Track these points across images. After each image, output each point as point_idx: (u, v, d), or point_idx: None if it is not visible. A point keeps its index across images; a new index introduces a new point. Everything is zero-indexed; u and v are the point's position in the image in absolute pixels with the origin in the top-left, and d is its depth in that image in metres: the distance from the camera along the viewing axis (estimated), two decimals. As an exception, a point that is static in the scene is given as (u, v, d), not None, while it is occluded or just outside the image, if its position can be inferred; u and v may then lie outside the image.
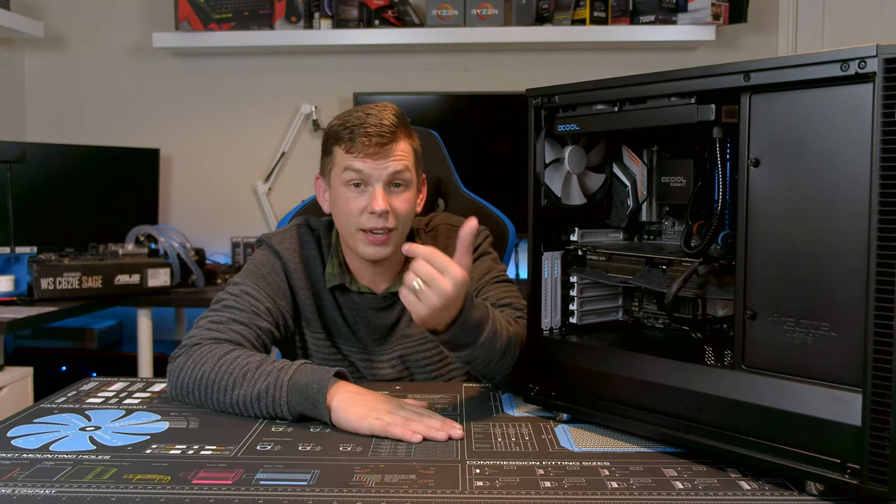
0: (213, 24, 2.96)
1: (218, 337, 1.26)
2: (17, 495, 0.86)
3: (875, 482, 0.80)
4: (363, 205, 1.33)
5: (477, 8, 2.95)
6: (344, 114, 1.37)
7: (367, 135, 1.31)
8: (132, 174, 3.04)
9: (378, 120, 1.32)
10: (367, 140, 1.31)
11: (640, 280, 1.11)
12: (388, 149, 1.32)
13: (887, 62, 0.77)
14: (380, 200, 1.31)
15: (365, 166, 1.32)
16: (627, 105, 1.04)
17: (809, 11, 3.05)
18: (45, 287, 2.34)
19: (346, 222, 1.36)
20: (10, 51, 3.14)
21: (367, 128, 1.31)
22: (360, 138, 1.31)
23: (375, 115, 1.33)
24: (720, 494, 0.87)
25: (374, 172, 1.32)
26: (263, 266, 1.40)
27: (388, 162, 1.32)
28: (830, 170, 0.83)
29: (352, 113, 1.36)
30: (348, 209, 1.34)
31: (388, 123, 1.33)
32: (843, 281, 0.82)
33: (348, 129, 1.33)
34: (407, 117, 1.39)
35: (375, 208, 1.31)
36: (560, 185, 1.17)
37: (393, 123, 1.33)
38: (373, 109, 1.35)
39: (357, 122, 1.33)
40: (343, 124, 1.34)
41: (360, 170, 1.32)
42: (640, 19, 2.93)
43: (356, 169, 1.32)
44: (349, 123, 1.33)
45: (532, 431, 1.10)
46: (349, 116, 1.35)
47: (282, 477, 0.92)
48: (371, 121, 1.32)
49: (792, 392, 0.87)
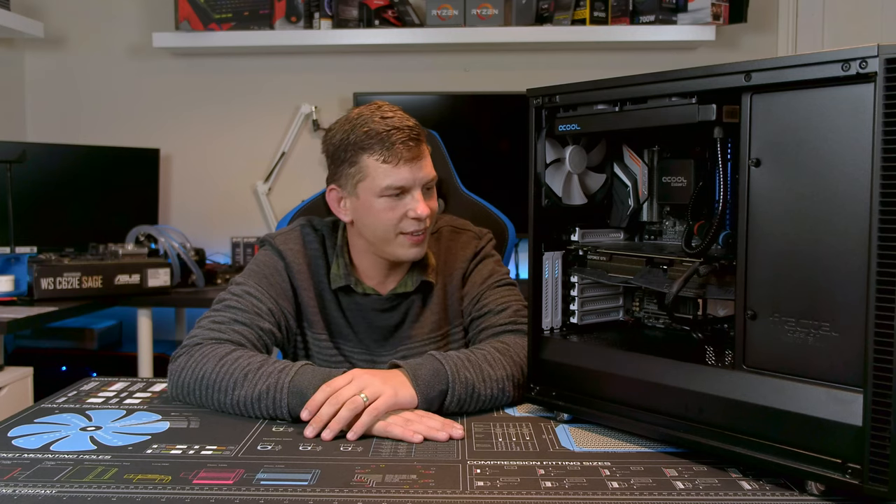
0: (213, 24, 2.96)
1: (219, 337, 1.26)
2: (17, 495, 0.86)
3: (875, 482, 0.80)
4: (402, 211, 1.31)
5: (477, 8, 2.95)
6: (357, 122, 1.31)
7: (402, 141, 1.28)
8: (132, 174, 3.04)
9: (404, 123, 1.30)
10: (403, 147, 1.28)
11: (640, 280, 1.11)
12: (421, 151, 1.32)
13: (888, 62, 0.77)
14: (424, 206, 1.31)
15: (405, 176, 1.29)
16: (628, 105, 1.04)
17: (809, 11, 3.05)
18: (45, 287, 2.33)
19: (383, 230, 1.33)
20: (10, 51, 3.14)
21: (398, 134, 1.28)
22: (396, 146, 1.28)
23: (396, 118, 1.30)
24: (721, 494, 0.87)
25: (415, 179, 1.31)
26: (266, 266, 1.40)
27: (422, 164, 1.32)
28: (831, 170, 0.83)
29: (370, 120, 1.30)
30: (387, 217, 1.32)
31: (413, 125, 1.31)
32: (844, 281, 0.82)
33: (378, 136, 1.28)
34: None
35: (421, 214, 1.30)
36: (561, 185, 1.17)
37: (416, 124, 1.33)
38: (387, 114, 1.31)
39: (386, 129, 1.28)
40: (369, 133, 1.29)
41: (404, 182, 1.29)
42: (640, 19, 2.93)
43: (399, 181, 1.29)
44: (376, 131, 1.29)
45: (533, 431, 1.10)
46: (372, 124, 1.29)
47: (282, 477, 0.92)
48: (398, 124, 1.29)
49: (792, 392, 0.87)
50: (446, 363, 1.17)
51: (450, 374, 1.16)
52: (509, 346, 1.26)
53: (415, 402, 1.13)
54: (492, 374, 1.20)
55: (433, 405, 1.15)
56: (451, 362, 1.17)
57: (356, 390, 1.09)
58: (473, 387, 1.17)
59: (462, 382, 1.16)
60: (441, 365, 1.16)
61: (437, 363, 1.17)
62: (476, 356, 1.21)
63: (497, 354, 1.23)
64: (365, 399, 1.08)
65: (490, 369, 1.20)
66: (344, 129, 1.33)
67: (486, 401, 1.19)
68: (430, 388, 1.14)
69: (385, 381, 1.11)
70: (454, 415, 1.16)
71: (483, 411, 1.20)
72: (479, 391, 1.18)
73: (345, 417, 1.07)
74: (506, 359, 1.23)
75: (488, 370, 1.20)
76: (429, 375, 1.15)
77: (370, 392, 1.09)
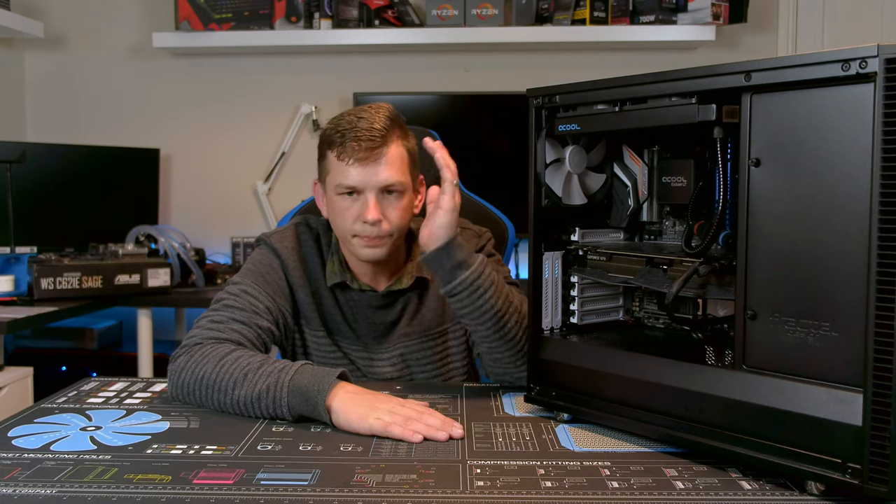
0: (213, 24, 2.96)
1: (219, 336, 1.26)
2: (18, 495, 0.86)
3: (875, 482, 0.80)
4: (356, 213, 1.32)
5: (477, 8, 2.95)
6: (337, 117, 1.35)
7: (356, 139, 1.29)
8: (132, 174, 3.04)
9: (369, 124, 1.30)
10: (357, 145, 1.29)
11: (640, 280, 1.11)
12: (378, 154, 1.30)
13: (888, 62, 0.77)
14: (372, 210, 1.30)
15: (356, 176, 1.30)
16: (628, 105, 1.04)
17: (809, 11, 3.05)
18: (45, 287, 2.33)
19: (342, 228, 1.36)
20: (10, 51, 3.14)
21: (356, 132, 1.29)
22: (350, 143, 1.29)
23: (366, 118, 1.31)
24: (721, 494, 0.87)
25: (366, 181, 1.30)
26: (262, 265, 1.40)
27: (379, 168, 1.30)
28: (831, 170, 0.83)
29: (344, 116, 1.33)
30: (343, 217, 1.34)
31: (379, 127, 1.30)
32: (844, 281, 0.82)
33: (339, 132, 1.31)
34: (402, 118, 1.37)
35: (368, 218, 1.30)
36: (561, 185, 1.17)
37: (384, 126, 1.31)
38: (365, 112, 1.32)
39: (348, 127, 1.30)
40: (335, 128, 1.32)
41: (353, 182, 1.30)
42: (640, 19, 2.93)
43: (348, 180, 1.30)
44: (340, 127, 1.31)
45: (533, 431, 1.10)
46: (341, 120, 1.33)
47: (282, 477, 0.92)
48: (362, 125, 1.30)
49: (792, 392, 0.87)
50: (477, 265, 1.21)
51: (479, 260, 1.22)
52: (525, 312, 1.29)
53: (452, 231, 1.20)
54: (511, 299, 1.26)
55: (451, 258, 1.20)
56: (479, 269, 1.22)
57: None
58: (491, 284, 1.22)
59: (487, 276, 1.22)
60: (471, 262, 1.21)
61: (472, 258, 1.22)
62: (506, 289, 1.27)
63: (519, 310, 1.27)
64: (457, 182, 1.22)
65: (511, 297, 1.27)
66: (327, 124, 1.37)
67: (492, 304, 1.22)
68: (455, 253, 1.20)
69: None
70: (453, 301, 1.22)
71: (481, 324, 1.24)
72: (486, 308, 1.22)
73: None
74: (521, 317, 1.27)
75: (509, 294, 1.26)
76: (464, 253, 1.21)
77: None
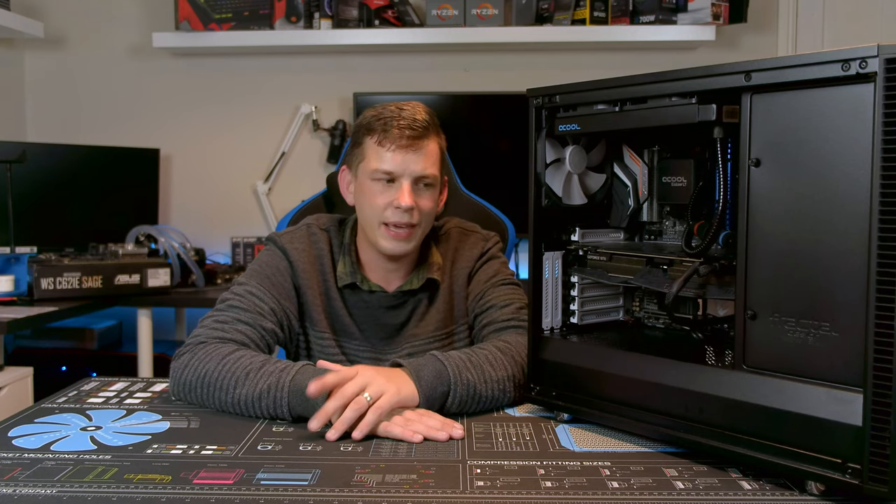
0: (213, 24, 2.96)
1: (223, 336, 1.26)
2: (18, 495, 0.86)
3: (875, 482, 0.80)
4: (389, 199, 1.33)
5: (477, 8, 2.95)
6: (378, 107, 1.38)
7: (400, 127, 1.32)
8: (132, 174, 3.04)
9: (412, 115, 1.34)
10: (399, 132, 1.32)
11: (640, 280, 1.11)
12: (419, 144, 1.33)
13: (888, 62, 0.77)
14: (406, 196, 1.32)
15: (395, 162, 1.32)
16: (628, 105, 1.04)
17: (809, 11, 3.05)
18: (45, 287, 2.33)
19: (370, 215, 1.36)
20: (10, 51, 3.14)
21: (400, 121, 1.33)
22: (393, 129, 1.32)
23: (409, 110, 1.35)
24: (721, 494, 0.87)
25: (404, 168, 1.33)
26: (268, 266, 1.40)
27: (418, 157, 1.33)
28: (831, 170, 0.83)
29: (386, 107, 1.37)
30: (374, 202, 1.34)
31: (421, 119, 1.34)
32: (844, 281, 0.82)
33: (382, 120, 1.34)
34: (437, 118, 1.40)
35: (402, 203, 1.31)
36: (561, 185, 1.17)
37: (425, 120, 1.35)
38: (406, 106, 1.37)
39: (391, 115, 1.34)
40: (377, 116, 1.35)
41: (391, 168, 1.32)
42: (640, 19, 2.93)
43: (386, 165, 1.33)
44: (383, 116, 1.34)
45: (533, 431, 1.10)
46: (383, 110, 1.36)
47: (283, 477, 0.92)
48: (405, 114, 1.34)
49: (792, 392, 0.87)
50: (448, 365, 1.16)
51: (452, 376, 1.15)
52: (511, 345, 1.26)
53: (416, 401, 1.13)
54: (493, 375, 1.19)
55: (434, 405, 1.14)
56: (454, 364, 1.17)
57: (359, 388, 1.08)
58: (475, 388, 1.17)
59: (464, 384, 1.16)
60: (443, 366, 1.16)
61: (440, 364, 1.17)
62: (478, 357, 1.21)
63: (499, 354, 1.23)
64: (368, 398, 1.08)
65: (492, 370, 1.20)
66: (366, 114, 1.39)
67: (487, 401, 1.19)
68: (432, 388, 1.14)
69: (389, 380, 1.11)
70: (454, 415, 1.16)
71: (484, 411, 1.20)
72: (481, 392, 1.18)
73: (349, 418, 1.06)
74: (507, 358, 1.23)
75: (490, 371, 1.20)
76: (431, 376, 1.15)
77: (373, 391, 1.09)
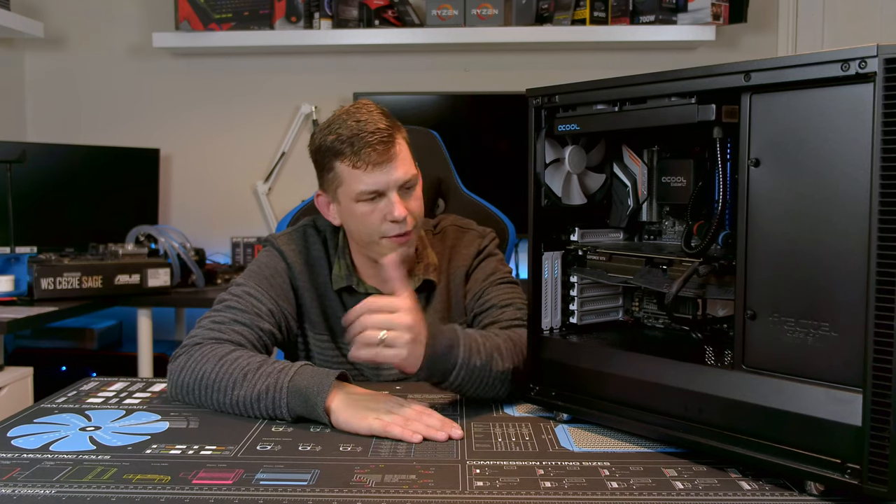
0: (213, 24, 2.96)
1: (220, 337, 1.26)
2: (17, 495, 0.86)
3: (875, 482, 0.80)
4: (382, 214, 1.31)
5: (477, 8, 2.95)
6: (331, 126, 1.32)
7: (369, 144, 1.27)
8: (132, 174, 3.04)
9: (373, 125, 1.29)
10: (370, 150, 1.27)
11: (640, 280, 1.11)
12: (391, 153, 1.29)
13: (888, 62, 0.77)
14: (398, 208, 1.30)
15: (377, 180, 1.29)
16: (628, 105, 1.04)
17: (809, 11, 3.05)
18: (45, 287, 2.33)
19: (367, 233, 1.34)
20: (10, 51, 3.14)
21: (365, 136, 1.28)
22: (364, 150, 1.27)
23: (366, 120, 1.29)
24: (720, 494, 0.87)
25: (387, 182, 1.29)
26: (266, 267, 1.40)
27: (395, 166, 1.30)
28: (831, 170, 0.83)
29: (340, 124, 1.30)
30: (368, 221, 1.32)
31: (384, 125, 1.30)
32: (844, 281, 0.82)
33: (346, 142, 1.28)
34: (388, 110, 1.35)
35: (397, 216, 1.30)
36: (560, 185, 1.17)
37: (387, 125, 1.30)
38: (359, 114, 1.30)
39: (353, 134, 1.28)
40: (338, 138, 1.29)
41: (376, 187, 1.29)
42: (640, 19, 2.93)
43: (370, 186, 1.29)
44: (344, 135, 1.29)
45: (532, 431, 1.10)
46: (341, 128, 1.30)
47: (282, 477, 0.92)
48: (366, 127, 1.28)
49: (792, 392, 0.87)
50: (462, 346, 1.16)
51: (461, 358, 1.15)
52: (519, 341, 1.25)
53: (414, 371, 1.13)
54: (500, 366, 1.19)
55: (433, 379, 1.16)
56: (466, 346, 1.16)
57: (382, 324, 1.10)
58: (479, 375, 1.18)
59: (469, 370, 1.16)
60: (457, 344, 1.16)
61: (455, 337, 1.16)
62: (490, 344, 1.20)
63: (511, 345, 1.23)
64: (383, 337, 1.09)
65: (500, 361, 1.20)
66: (322, 133, 1.34)
67: (485, 389, 1.20)
68: (435, 365, 1.14)
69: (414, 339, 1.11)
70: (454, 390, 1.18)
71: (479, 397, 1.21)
72: (483, 379, 1.18)
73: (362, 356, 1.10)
74: (516, 351, 1.23)
75: (498, 361, 1.19)
76: (442, 350, 1.14)
77: (391, 336, 1.10)
